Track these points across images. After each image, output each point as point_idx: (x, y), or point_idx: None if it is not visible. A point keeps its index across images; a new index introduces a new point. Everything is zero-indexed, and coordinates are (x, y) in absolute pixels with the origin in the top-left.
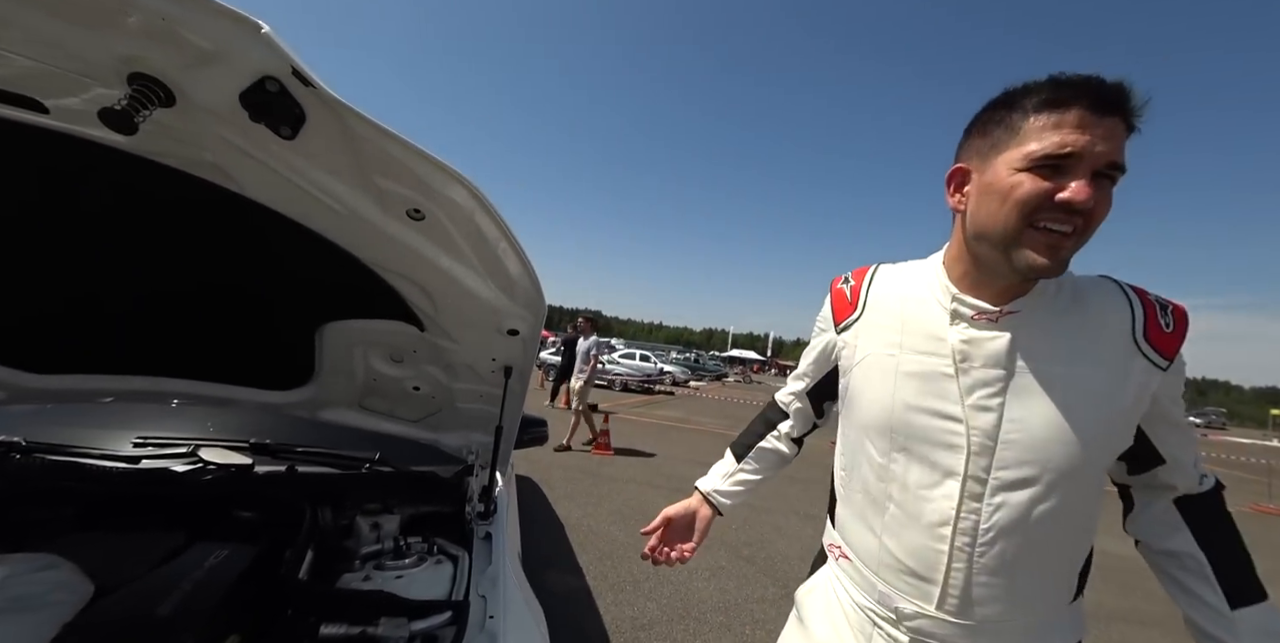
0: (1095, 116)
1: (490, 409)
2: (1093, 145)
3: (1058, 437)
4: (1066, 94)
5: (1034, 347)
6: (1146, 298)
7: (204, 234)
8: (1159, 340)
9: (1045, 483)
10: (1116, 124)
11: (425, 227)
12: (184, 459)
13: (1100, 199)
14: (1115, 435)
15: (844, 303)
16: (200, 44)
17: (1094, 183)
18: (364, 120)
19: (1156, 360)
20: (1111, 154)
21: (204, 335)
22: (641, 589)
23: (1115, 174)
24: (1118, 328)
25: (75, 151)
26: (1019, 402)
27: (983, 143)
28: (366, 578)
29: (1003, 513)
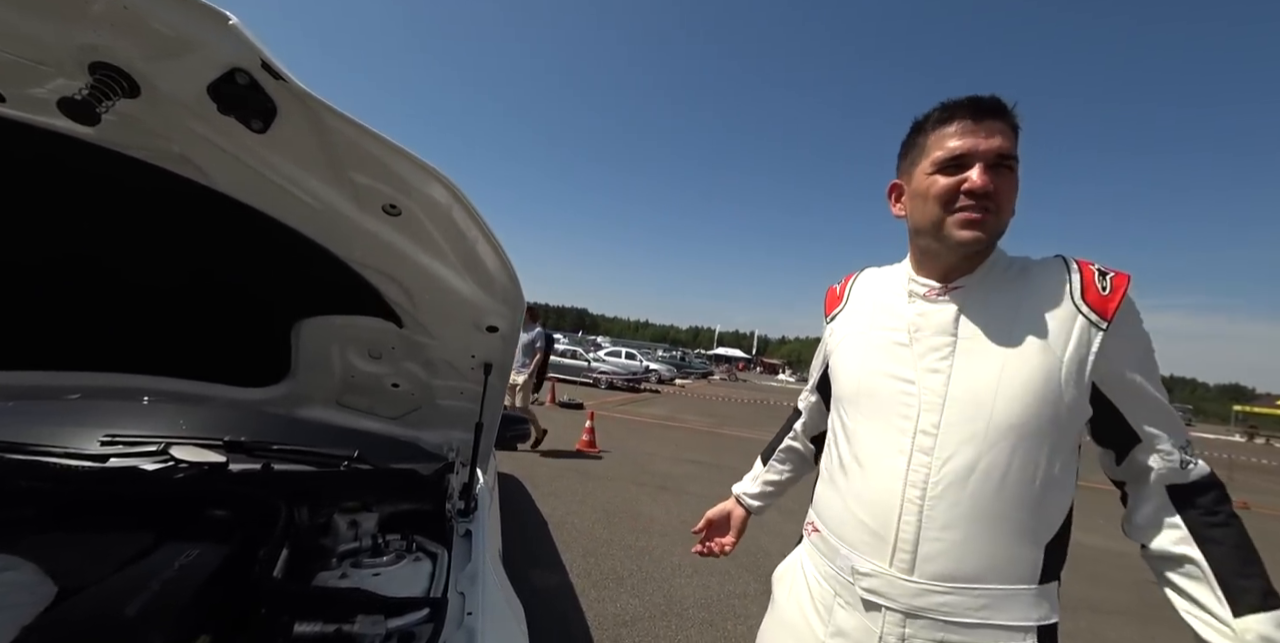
0: (975, 123)
1: (470, 406)
2: (978, 144)
3: (999, 389)
4: (951, 110)
5: (978, 315)
6: (1087, 266)
7: (174, 227)
8: (1095, 301)
9: (990, 437)
10: (995, 124)
11: (402, 222)
12: (154, 458)
13: (1000, 183)
14: (1056, 387)
15: (834, 298)
16: (165, 34)
17: (990, 171)
18: (337, 115)
19: (1094, 319)
20: (997, 147)
21: (176, 331)
22: (625, 586)
23: (1009, 162)
24: (1058, 292)
25: (37, 141)
26: (965, 362)
27: (906, 161)
28: (343, 576)
29: (950, 465)
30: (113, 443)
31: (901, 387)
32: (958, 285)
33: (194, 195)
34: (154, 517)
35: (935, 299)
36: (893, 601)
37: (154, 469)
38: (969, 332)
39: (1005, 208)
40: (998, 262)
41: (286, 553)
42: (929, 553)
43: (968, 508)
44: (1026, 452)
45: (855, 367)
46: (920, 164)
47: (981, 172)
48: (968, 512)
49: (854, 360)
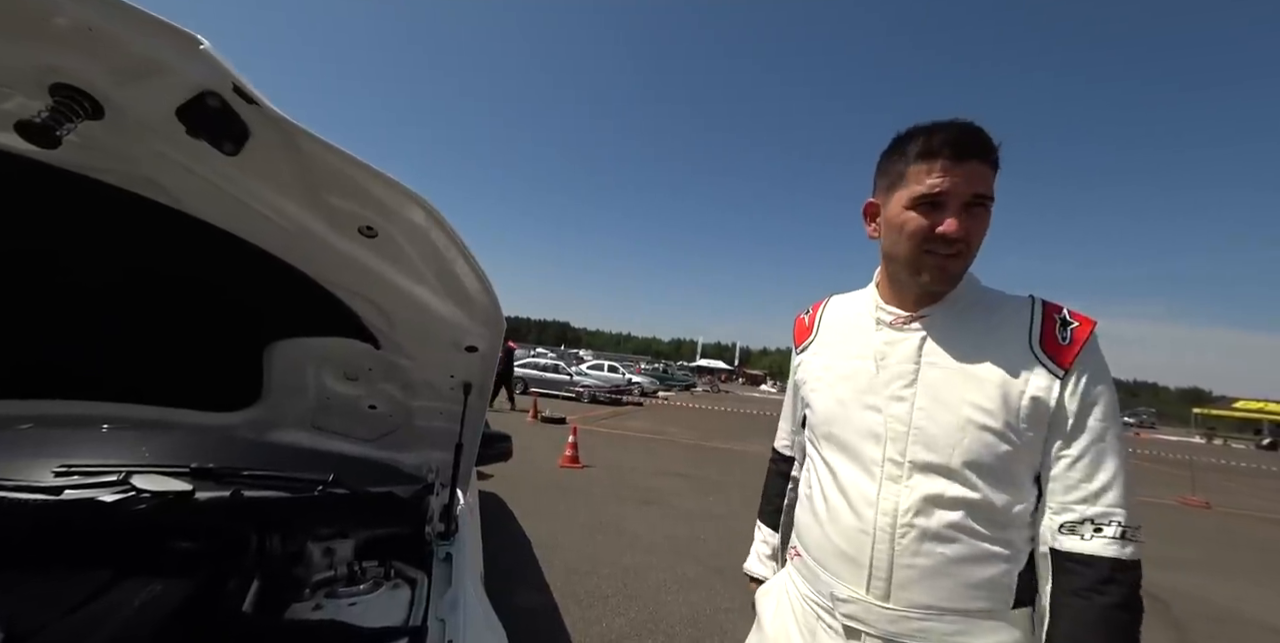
0: (956, 162)
1: (450, 426)
2: (957, 186)
3: (958, 423)
4: (934, 145)
5: (942, 346)
6: (1051, 314)
7: (139, 250)
8: (1053, 350)
9: (954, 468)
10: (976, 165)
11: (378, 244)
12: (114, 488)
13: (973, 226)
14: (1015, 427)
15: (803, 329)
16: (132, 56)
17: (966, 213)
18: (312, 138)
19: (1052, 367)
20: (975, 188)
21: (140, 355)
22: (610, 605)
23: (984, 202)
24: (1015, 335)
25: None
26: (927, 392)
27: (884, 182)
28: (317, 607)
29: (917, 495)
30: (68, 474)
31: (869, 415)
32: (924, 314)
33: (161, 217)
34: (113, 552)
35: (901, 327)
36: (871, 626)
37: (113, 500)
38: (932, 361)
39: (975, 247)
40: (966, 292)
41: (257, 585)
42: (902, 580)
43: (936, 536)
44: (990, 484)
45: (826, 397)
46: (897, 193)
47: (957, 214)
48: (936, 540)
49: (825, 391)
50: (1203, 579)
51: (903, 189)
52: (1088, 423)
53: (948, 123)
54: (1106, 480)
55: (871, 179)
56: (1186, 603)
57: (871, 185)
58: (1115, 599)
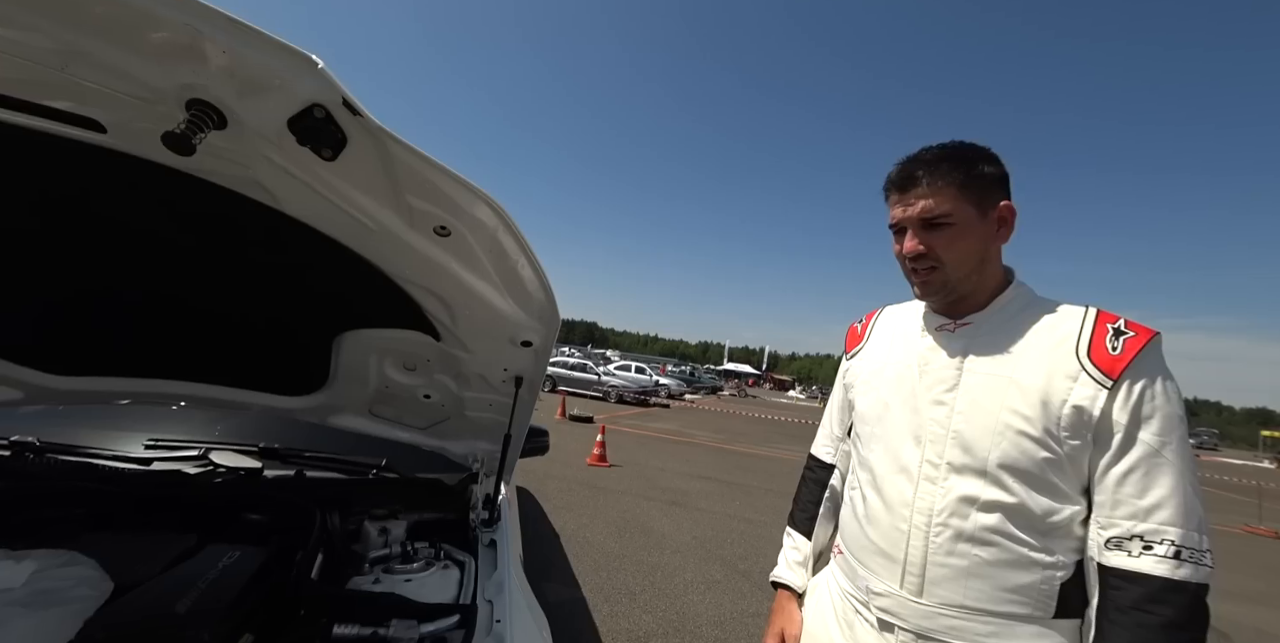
0: (901, 194)
1: (499, 418)
2: (908, 213)
3: (996, 428)
4: (889, 180)
5: (984, 352)
6: (1104, 323)
7: (235, 245)
8: (1101, 360)
9: (989, 471)
10: (919, 191)
11: (450, 243)
12: (195, 462)
13: (936, 241)
14: (1055, 436)
15: (854, 336)
16: (256, 74)
17: (927, 233)
18: (403, 145)
19: (1099, 377)
20: (919, 213)
21: (225, 341)
22: (637, 602)
23: (942, 220)
24: (1062, 343)
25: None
26: (967, 396)
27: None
28: (376, 581)
29: (953, 496)
30: (156, 447)
31: (910, 417)
32: (968, 321)
33: (259, 215)
34: (195, 519)
35: (945, 334)
36: (904, 620)
37: (195, 473)
38: (974, 367)
39: (951, 259)
40: (1014, 300)
41: (321, 557)
42: (935, 577)
43: (971, 538)
44: (1029, 492)
45: (872, 397)
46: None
47: (910, 237)
48: (971, 541)
49: (871, 392)
50: (1267, 613)
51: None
52: (1140, 437)
53: (906, 157)
54: (1160, 497)
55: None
56: (1249, 636)
57: None
58: (1161, 620)
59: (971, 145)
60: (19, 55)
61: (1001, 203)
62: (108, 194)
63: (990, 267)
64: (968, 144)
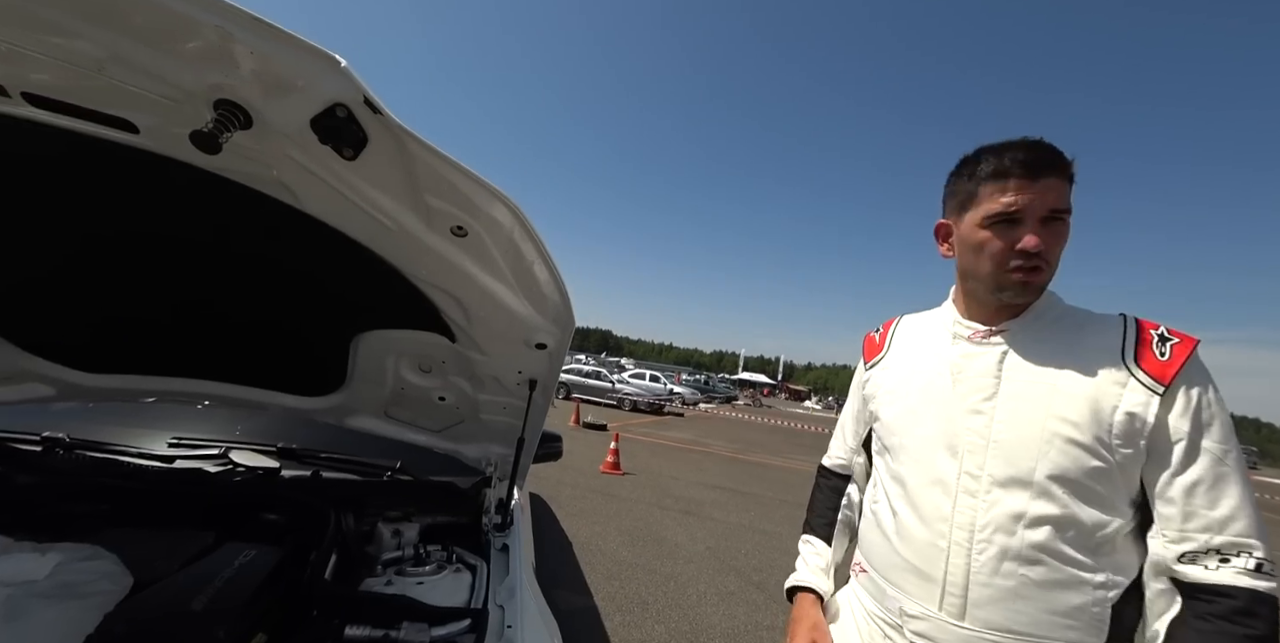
0: (1030, 179)
1: (513, 421)
2: (1032, 202)
3: (1043, 436)
4: (1007, 163)
5: (1024, 360)
6: (1147, 329)
7: (257, 245)
8: (1151, 366)
9: (1037, 482)
10: (1050, 181)
11: (467, 243)
12: (215, 461)
13: (1052, 239)
14: (1107, 445)
15: (873, 346)
16: (282, 75)
17: (1044, 228)
18: (422, 144)
19: (1149, 383)
20: (1050, 203)
21: (247, 341)
22: (650, 612)
23: (1061, 215)
24: (1106, 349)
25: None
26: (1008, 405)
27: (954, 201)
28: (388, 583)
29: (997, 510)
30: (179, 445)
31: (944, 427)
32: (1003, 329)
33: (280, 214)
34: (214, 516)
35: (980, 341)
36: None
37: (215, 472)
38: (1014, 376)
39: (1055, 261)
40: (1049, 308)
41: (335, 558)
42: (979, 599)
43: (1019, 556)
44: (1079, 504)
45: (898, 407)
46: (970, 213)
47: (1035, 230)
48: (1019, 560)
49: (897, 402)
50: None
51: (975, 209)
52: (1203, 445)
53: (1018, 142)
54: (1233, 508)
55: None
56: None
57: (940, 207)
58: (1251, 633)
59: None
60: (62, 59)
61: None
62: (138, 194)
63: None
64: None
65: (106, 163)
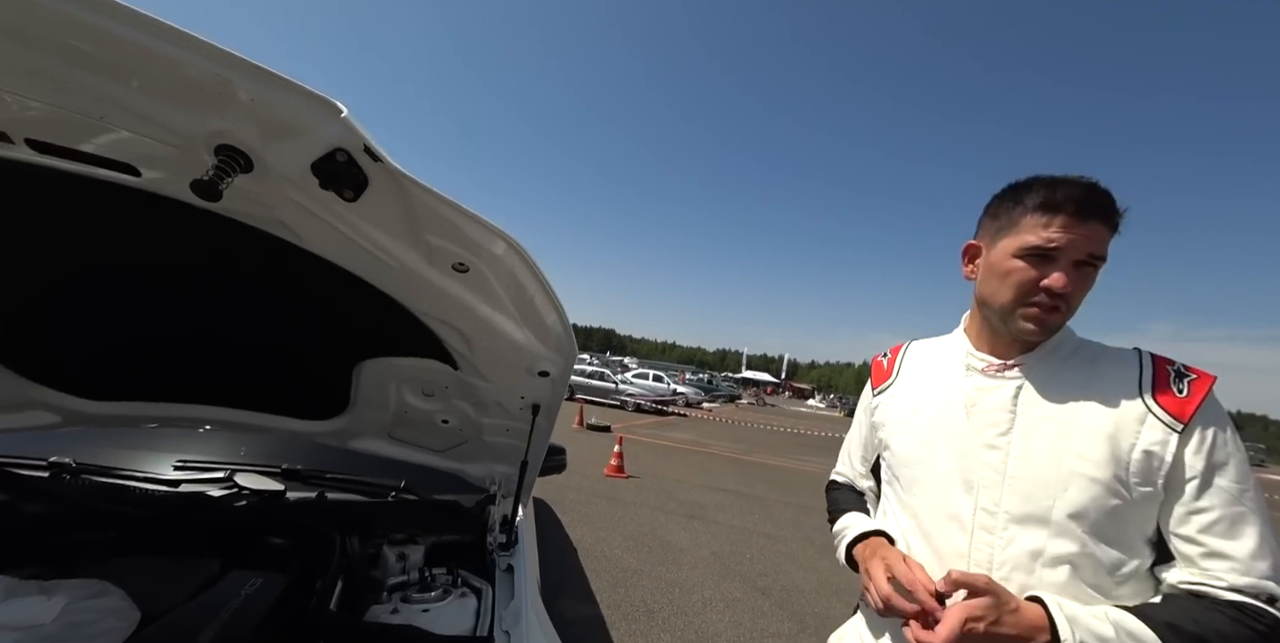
0: (1078, 220)
1: (516, 443)
2: (1074, 243)
3: (1062, 474)
4: (1059, 198)
5: (1040, 395)
6: (1163, 365)
7: (260, 280)
8: (1169, 403)
9: (1055, 521)
10: (1097, 226)
11: (468, 278)
12: (220, 484)
13: (1079, 285)
14: (1124, 482)
15: (881, 371)
16: (285, 122)
17: (1075, 271)
18: (420, 186)
19: (1168, 420)
20: (1090, 248)
21: (251, 368)
22: (655, 620)
23: (1096, 263)
24: (1123, 385)
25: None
26: (1024, 441)
27: (992, 225)
28: (394, 611)
29: (1015, 547)
30: (184, 468)
31: (958, 461)
32: (1019, 362)
33: (283, 252)
34: (219, 542)
35: (994, 375)
36: None
37: (220, 496)
38: (1029, 410)
39: (1076, 305)
40: (1064, 343)
41: (341, 585)
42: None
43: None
44: (1097, 543)
45: (910, 438)
46: (1005, 239)
47: (1066, 271)
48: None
49: (909, 432)
50: None
51: (1013, 237)
52: (1220, 483)
53: (1074, 179)
54: (1253, 548)
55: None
56: None
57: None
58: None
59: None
60: (63, 107)
61: None
62: (140, 230)
63: None
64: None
65: (108, 202)
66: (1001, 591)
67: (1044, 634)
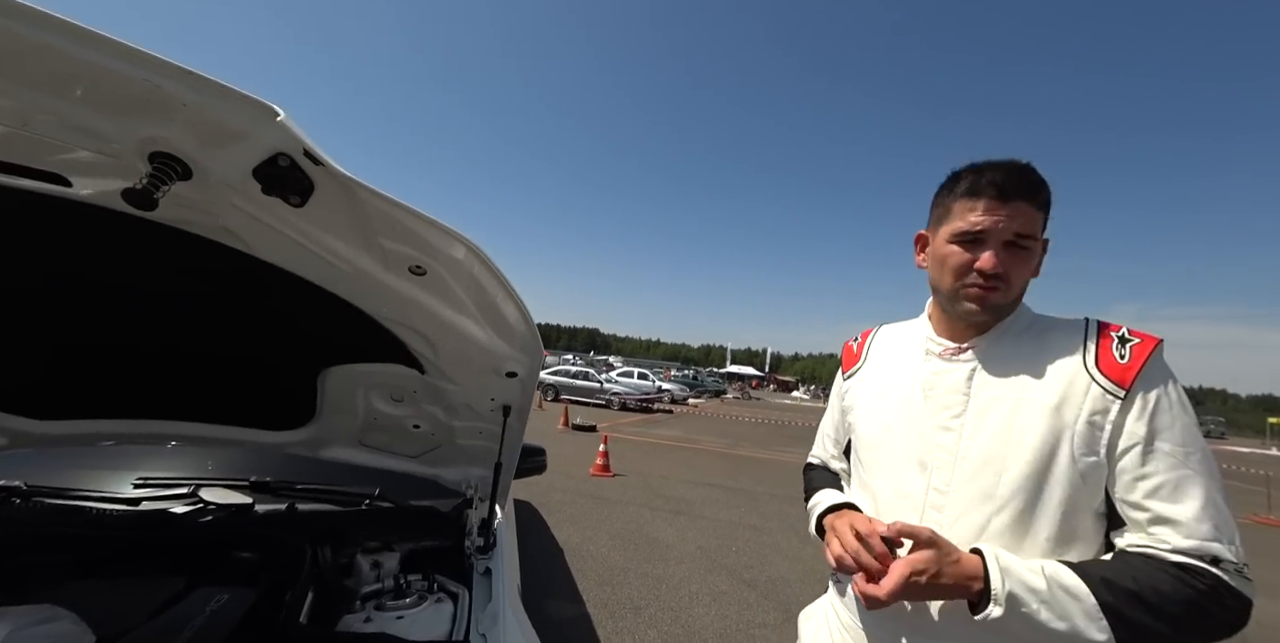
0: (1001, 202)
1: (490, 445)
2: (998, 224)
3: (1007, 450)
4: (983, 183)
5: (991, 375)
6: (1108, 333)
7: (212, 289)
8: (1110, 369)
9: (999, 497)
10: (1021, 205)
11: (427, 281)
12: (184, 500)
13: (1012, 263)
14: (1068, 452)
15: (851, 356)
16: (219, 126)
17: (1005, 251)
18: (369, 190)
19: (1109, 387)
20: (1017, 228)
21: (210, 381)
22: (642, 616)
23: (1026, 242)
24: (1068, 357)
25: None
26: (976, 422)
27: (934, 216)
28: (368, 620)
29: (962, 524)
30: (145, 485)
31: (914, 443)
32: (973, 345)
33: (233, 261)
34: (184, 560)
35: (950, 358)
36: None
37: (183, 512)
38: (982, 392)
39: (1016, 283)
40: (1016, 321)
41: (312, 596)
42: (948, 611)
43: None
44: (1037, 514)
45: (874, 422)
46: (944, 227)
47: (994, 253)
48: None
49: (872, 416)
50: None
51: (948, 224)
52: (1163, 448)
53: (999, 162)
54: (1196, 511)
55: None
56: (1259, 631)
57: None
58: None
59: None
60: None
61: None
62: (78, 242)
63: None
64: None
65: (42, 214)
66: (944, 543)
67: (978, 583)
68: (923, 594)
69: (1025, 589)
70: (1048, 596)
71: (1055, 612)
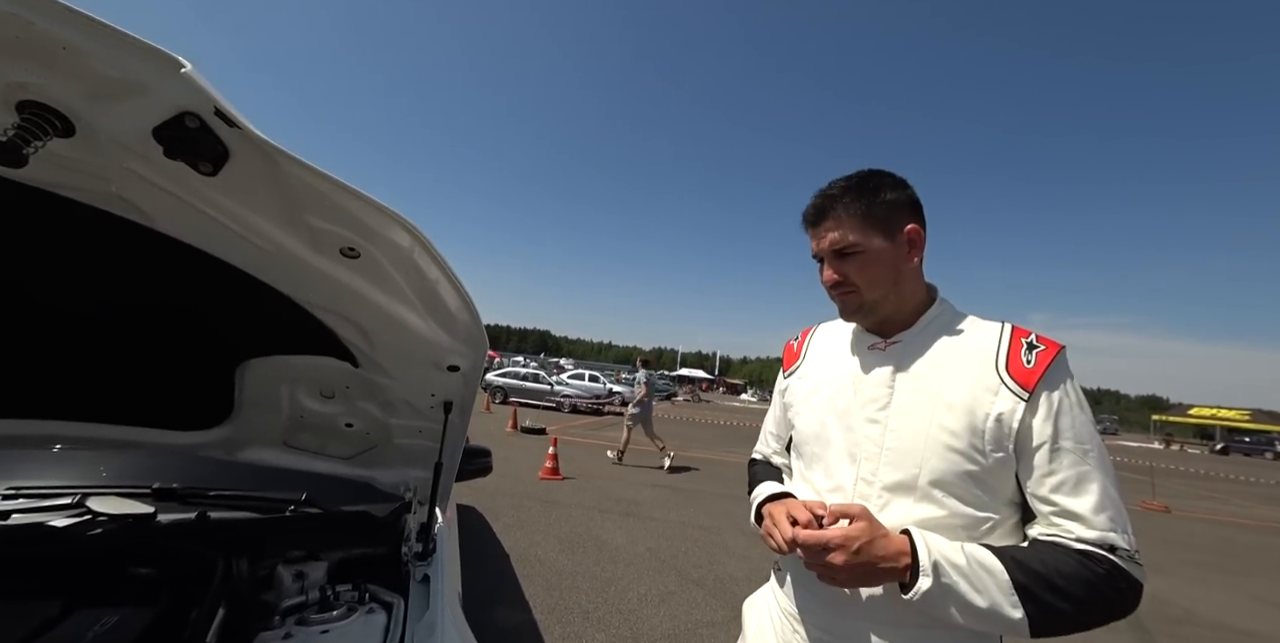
0: (814, 227)
1: (430, 444)
2: (821, 245)
3: (926, 443)
4: (804, 217)
5: (914, 369)
6: (1018, 337)
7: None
8: (1018, 373)
9: (919, 487)
10: (829, 225)
11: (360, 265)
12: (67, 511)
13: (849, 268)
14: (980, 449)
15: (791, 354)
16: (107, 76)
17: (840, 261)
18: (293, 161)
19: (1016, 390)
20: (830, 245)
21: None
22: (590, 620)
23: (850, 250)
24: (983, 359)
25: None
26: (899, 414)
27: None
28: (287, 635)
29: (887, 514)
30: (15, 496)
31: (844, 436)
32: (897, 339)
33: (131, 235)
34: (64, 581)
35: (876, 351)
36: (843, 640)
37: (65, 525)
38: (904, 385)
39: (865, 284)
40: (939, 317)
41: (223, 613)
42: (872, 595)
43: None
44: (956, 506)
45: (810, 417)
46: None
47: (826, 267)
48: None
49: (809, 411)
50: (1164, 582)
51: None
52: (1065, 446)
53: (818, 192)
54: (1095, 504)
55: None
56: (1148, 605)
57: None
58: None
59: (877, 174)
60: None
61: (908, 227)
62: None
63: (908, 286)
64: (874, 173)
65: None
66: (874, 519)
67: (906, 558)
68: (860, 572)
69: (948, 563)
70: (968, 570)
71: (974, 585)
